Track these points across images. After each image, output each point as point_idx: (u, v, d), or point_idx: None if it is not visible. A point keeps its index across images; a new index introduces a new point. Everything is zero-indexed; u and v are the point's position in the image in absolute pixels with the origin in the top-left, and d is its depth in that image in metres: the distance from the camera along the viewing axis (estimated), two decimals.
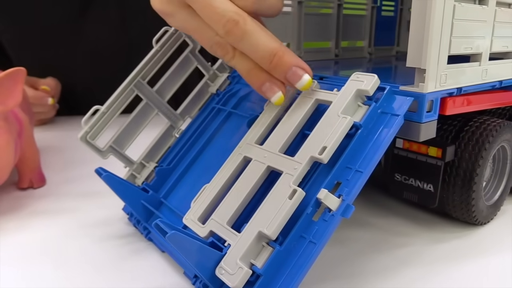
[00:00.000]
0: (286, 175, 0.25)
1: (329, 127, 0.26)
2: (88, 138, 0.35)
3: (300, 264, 0.23)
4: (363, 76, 0.27)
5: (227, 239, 0.25)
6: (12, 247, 0.34)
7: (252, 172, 0.27)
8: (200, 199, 0.28)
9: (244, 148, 0.28)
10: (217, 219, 0.26)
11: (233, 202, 0.26)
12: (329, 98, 0.27)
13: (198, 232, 0.26)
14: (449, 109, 0.30)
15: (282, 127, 0.28)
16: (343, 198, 0.24)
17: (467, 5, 0.29)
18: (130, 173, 0.37)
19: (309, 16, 0.48)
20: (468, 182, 0.33)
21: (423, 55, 0.27)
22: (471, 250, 0.33)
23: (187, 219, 0.27)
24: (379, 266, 0.31)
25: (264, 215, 0.24)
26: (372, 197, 0.42)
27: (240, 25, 0.27)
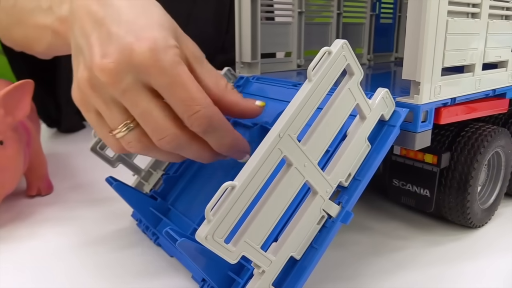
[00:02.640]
0: (319, 197, 0.25)
1: (356, 151, 0.26)
2: (98, 148, 0.37)
3: (303, 268, 0.25)
4: (389, 98, 0.28)
5: (261, 265, 0.23)
6: (23, 254, 0.35)
7: (290, 184, 0.23)
8: (223, 209, 0.21)
9: (284, 141, 0.22)
10: (250, 241, 0.22)
11: (268, 220, 0.23)
12: (365, 110, 0.26)
13: (227, 257, 0.22)
14: (444, 118, 0.31)
15: (325, 126, 0.25)
16: (343, 205, 0.26)
17: (460, 19, 0.30)
18: (138, 181, 0.39)
19: (309, 26, 0.50)
20: (463, 187, 0.34)
21: (418, 69, 0.29)
22: (467, 252, 0.35)
23: (207, 240, 0.21)
24: (377, 268, 0.33)
25: (296, 238, 0.25)
26: (371, 201, 0.44)
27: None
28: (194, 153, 0.30)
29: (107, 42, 0.27)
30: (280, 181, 0.23)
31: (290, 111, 0.22)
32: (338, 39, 0.24)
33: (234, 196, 0.21)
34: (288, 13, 0.48)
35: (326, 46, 0.24)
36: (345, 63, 0.25)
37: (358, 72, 0.25)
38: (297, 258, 0.25)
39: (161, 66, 0.26)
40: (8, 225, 0.40)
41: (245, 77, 0.42)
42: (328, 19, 0.52)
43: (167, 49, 0.27)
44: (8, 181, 0.39)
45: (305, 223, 0.25)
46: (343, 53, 0.24)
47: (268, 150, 0.22)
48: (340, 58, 0.24)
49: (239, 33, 0.43)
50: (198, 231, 0.21)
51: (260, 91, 0.39)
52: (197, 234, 0.21)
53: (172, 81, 0.27)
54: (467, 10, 0.32)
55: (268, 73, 0.45)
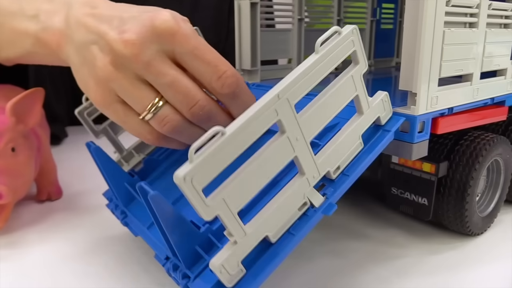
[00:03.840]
0: (305, 180, 0.24)
1: (348, 146, 0.26)
2: (85, 114, 0.36)
3: (276, 253, 0.24)
4: (387, 102, 0.28)
5: (234, 233, 0.22)
6: (34, 259, 0.36)
7: (279, 153, 0.22)
8: (209, 152, 0.19)
9: (282, 104, 0.21)
10: (228, 202, 0.21)
11: (250, 184, 0.22)
12: (364, 105, 0.26)
13: (200, 210, 0.20)
14: (441, 128, 0.31)
15: (322, 106, 0.24)
16: (327, 197, 0.25)
17: (457, 30, 0.30)
18: (118, 159, 0.38)
19: (309, 32, 0.50)
20: (462, 196, 0.34)
21: (414, 80, 0.29)
22: (466, 260, 0.35)
23: (185, 181, 0.19)
24: (376, 277, 0.33)
25: (274, 218, 0.23)
26: (369, 209, 0.44)
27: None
28: (222, 123, 0.29)
29: (122, 24, 0.28)
30: (269, 147, 0.22)
31: (292, 76, 0.22)
32: (348, 25, 0.25)
33: (222, 143, 0.20)
34: (288, 20, 0.48)
35: None
36: (353, 48, 0.25)
37: (363, 63, 0.26)
38: (272, 240, 0.24)
39: (185, 32, 0.27)
40: (20, 229, 0.41)
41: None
42: (328, 25, 0.52)
43: (185, 19, 0.29)
44: (20, 186, 0.40)
45: (286, 204, 0.24)
46: (351, 38, 0.24)
47: (264, 107, 0.21)
48: (348, 42, 0.24)
49: (239, 40, 0.44)
50: (177, 170, 0.19)
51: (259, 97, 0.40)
52: (175, 174, 0.19)
53: (197, 45, 0.28)
54: (465, 20, 0.32)
55: (268, 80, 0.46)
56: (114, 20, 0.29)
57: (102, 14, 0.30)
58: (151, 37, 0.27)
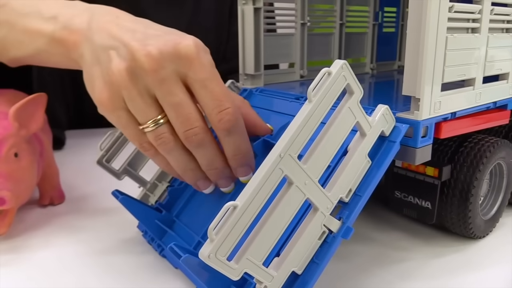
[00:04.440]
0: (320, 213, 0.25)
1: (356, 167, 0.27)
2: (104, 161, 0.37)
3: (304, 283, 0.25)
4: (389, 115, 0.29)
5: (262, 280, 0.24)
6: (37, 263, 0.36)
7: (291, 202, 0.24)
8: (225, 229, 0.22)
9: (285, 161, 0.23)
10: (252, 259, 0.23)
11: (269, 238, 0.24)
12: (365, 128, 0.27)
13: (229, 274, 0.22)
14: (444, 133, 0.31)
15: (325, 145, 0.25)
16: (344, 221, 0.26)
17: (459, 35, 0.31)
18: (144, 193, 0.40)
19: (312, 36, 0.50)
20: (465, 200, 0.35)
21: (417, 85, 0.29)
22: (469, 263, 0.35)
23: (210, 258, 0.21)
24: (380, 280, 0.33)
25: (297, 254, 0.25)
26: (373, 212, 0.44)
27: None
28: (209, 156, 0.31)
29: (145, 38, 0.30)
30: (281, 200, 0.24)
31: (290, 131, 0.23)
32: (338, 60, 0.25)
33: (236, 216, 0.22)
34: (291, 24, 0.48)
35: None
36: (345, 83, 0.25)
37: (358, 91, 0.26)
38: (298, 273, 0.25)
39: (203, 61, 0.29)
40: (23, 234, 0.41)
41: (249, 89, 0.42)
42: (331, 30, 0.53)
43: (206, 50, 0.30)
44: (23, 191, 0.40)
45: (306, 239, 0.25)
46: (342, 74, 0.25)
47: (269, 170, 0.22)
48: (340, 78, 0.25)
49: (242, 45, 0.44)
50: (201, 249, 0.21)
51: (263, 103, 0.40)
52: (200, 253, 0.21)
53: (210, 77, 0.29)
54: (467, 25, 0.32)
55: (271, 84, 0.46)
56: (137, 33, 0.30)
57: (125, 25, 0.31)
58: (171, 58, 0.29)
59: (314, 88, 0.24)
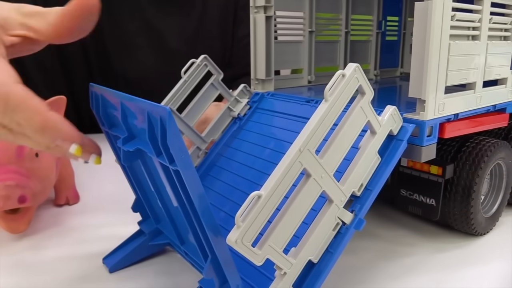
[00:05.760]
0: (334, 206, 0.27)
1: (367, 163, 0.29)
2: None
3: (320, 271, 0.27)
4: (397, 115, 0.31)
5: (282, 267, 0.25)
6: (53, 260, 0.38)
7: (309, 193, 0.26)
8: (251, 216, 0.23)
9: (304, 155, 0.25)
10: (274, 246, 0.25)
11: (289, 226, 0.25)
12: (376, 126, 0.29)
13: (253, 259, 0.24)
14: (448, 133, 0.34)
15: (340, 142, 0.27)
16: (356, 213, 0.28)
17: (461, 42, 0.33)
18: None
19: (319, 44, 0.53)
20: (467, 197, 0.37)
21: (423, 88, 0.31)
22: (471, 258, 0.37)
23: (237, 243, 0.23)
24: (387, 273, 0.35)
25: (313, 243, 0.27)
26: (380, 210, 0.46)
27: None
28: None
29: None
30: (300, 191, 0.26)
31: (309, 128, 0.25)
32: (351, 63, 0.27)
33: (260, 204, 0.23)
34: (300, 32, 0.51)
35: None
36: (357, 84, 0.27)
37: (369, 92, 0.28)
38: (314, 261, 0.27)
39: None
40: (41, 232, 0.43)
41: (260, 94, 0.44)
42: (337, 37, 0.55)
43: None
44: (43, 190, 0.42)
45: (322, 229, 0.27)
46: (355, 76, 0.27)
47: (290, 163, 0.24)
48: (353, 80, 0.27)
49: (254, 52, 0.46)
50: (229, 235, 0.23)
51: (275, 106, 0.42)
52: (228, 238, 0.23)
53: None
54: (468, 33, 0.34)
55: (280, 89, 0.48)
56: None
57: None
58: None
59: (330, 88, 0.26)
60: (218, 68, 0.43)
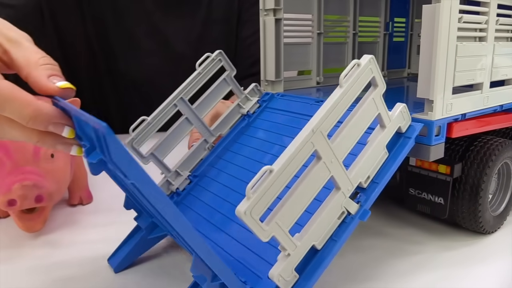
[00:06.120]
0: (341, 193, 0.28)
1: (375, 156, 0.30)
2: (133, 144, 0.39)
3: (322, 258, 0.28)
4: (406, 113, 0.31)
5: (287, 248, 0.26)
6: (68, 258, 0.39)
7: (318, 176, 0.26)
8: (262, 189, 0.24)
9: (317, 137, 0.25)
10: (280, 224, 0.25)
11: (296, 207, 0.26)
12: (385, 120, 0.30)
13: (260, 234, 0.24)
14: (455, 132, 0.34)
15: (350, 130, 0.28)
16: (361, 204, 0.29)
17: (468, 43, 0.34)
18: (165, 180, 0.41)
19: (327, 45, 0.53)
20: (475, 196, 0.37)
21: (431, 89, 0.32)
22: (479, 256, 0.37)
23: (246, 215, 0.23)
24: (394, 270, 0.35)
25: (318, 229, 0.27)
26: (388, 210, 0.47)
27: None
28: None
29: None
30: (309, 173, 0.26)
31: (323, 111, 0.26)
32: (366, 55, 0.28)
33: (271, 179, 0.24)
34: (308, 34, 0.51)
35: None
36: (371, 75, 0.28)
37: (382, 85, 0.29)
38: (318, 248, 0.28)
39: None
40: (55, 231, 0.44)
41: (270, 94, 0.45)
42: (344, 39, 0.56)
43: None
44: (58, 190, 0.43)
45: (327, 216, 0.28)
46: (370, 67, 0.28)
47: (303, 142, 0.25)
48: (367, 71, 0.28)
49: (264, 54, 0.47)
50: (238, 207, 0.23)
51: (285, 106, 0.43)
52: (237, 210, 0.23)
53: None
54: (475, 34, 0.35)
55: (290, 90, 0.49)
56: None
57: None
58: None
59: (345, 75, 0.27)
60: (231, 65, 0.44)
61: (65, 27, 0.78)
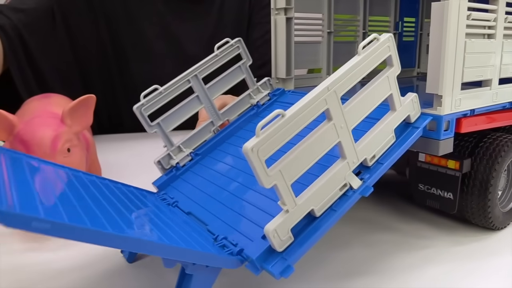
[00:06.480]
0: (346, 164, 0.28)
1: (383, 136, 0.30)
2: (142, 111, 0.40)
3: (319, 226, 0.28)
4: (416, 103, 0.32)
5: (287, 203, 0.25)
6: (83, 254, 0.39)
7: (326, 138, 0.27)
8: (271, 130, 0.24)
9: (330, 96, 0.26)
10: (284, 174, 0.25)
11: (302, 162, 0.26)
12: (396, 103, 0.31)
13: (263, 178, 0.24)
14: (464, 128, 0.35)
15: (362, 100, 0.28)
16: (364, 180, 0.29)
17: (476, 40, 0.34)
18: (167, 153, 0.42)
19: (337, 44, 0.54)
20: (484, 192, 0.38)
21: (440, 84, 0.32)
22: (488, 251, 0.38)
23: (253, 151, 0.23)
24: (403, 263, 0.36)
25: (319, 194, 0.27)
26: (398, 206, 0.47)
27: None
28: None
29: None
30: (318, 131, 0.27)
31: (340, 72, 0.27)
32: (385, 33, 0.29)
33: (282, 123, 0.24)
34: (318, 33, 0.52)
35: None
36: (388, 53, 0.29)
37: (397, 66, 0.30)
38: (317, 214, 0.28)
39: None
40: None
41: (282, 89, 0.46)
42: (354, 38, 0.56)
43: None
44: None
45: (329, 183, 0.28)
46: (388, 44, 0.29)
47: (317, 97, 0.26)
48: (385, 47, 0.28)
49: (275, 52, 0.48)
50: (246, 144, 0.23)
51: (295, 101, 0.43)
52: (244, 146, 0.23)
53: None
54: (483, 31, 0.35)
55: (300, 88, 0.50)
56: None
57: None
58: None
59: (364, 46, 0.28)
60: (248, 54, 0.45)
61: (77, 30, 0.80)
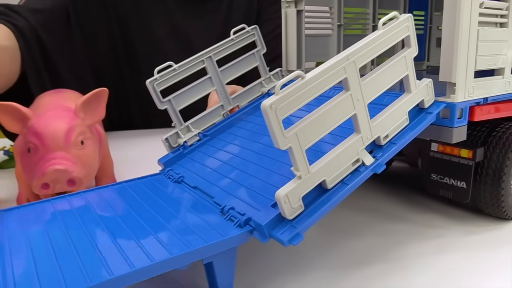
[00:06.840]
0: (360, 138, 0.28)
1: (397, 118, 0.31)
2: (155, 85, 0.40)
3: (330, 197, 0.28)
4: (431, 89, 0.32)
5: (300, 168, 0.26)
6: None
7: (343, 107, 0.27)
8: (291, 89, 0.24)
9: (350, 65, 0.26)
10: (300, 137, 0.25)
11: (318, 128, 0.26)
12: (412, 85, 0.31)
13: (278, 137, 0.24)
14: (477, 116, 0.35)
15: (379, 76, 0.29)
16: (377, 158, 0.30)
17: (489, 28, 0.34)
18: (175, 132, 0.42)
19: (347, 37, 0.54)
20: (497, 180, 0.37)
21: (453, 71, 0.33)
22: (502, 240, 0.38)
23: (271, 108, 0.23)
24: (415, 252, 0.36)
25: (332, 165, 0.27)
26: (410, 197, 0.47)
27: None
28: None
29: None
30: (335, 100, 0.27)
31: (359, 44, 0.27)
32: (404, 13, 0.29)
33: (301, 84, 0.25)
34: (328, 26, 0.52)
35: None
36: (407, 33, 0.29)
37: (414, 47, 0.30)
38: (328, 186, 0.28)
39: None
40: None
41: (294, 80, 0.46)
42: (364, 31, 0.57)
43: None
44: (87, 176, 0.45)
45: (343, 155, 0.28)
46: (406, 24, 0.29)
47: (336, 64, 0.26)
48: (403, 27, 0.29)
49: (285, 44, 0.48)
50: (264, 101, 0.23)
51: None
52: (263, 103, 0.23)
53: None
54: (496, 20, 0.35)
55: None
56: None
57: None
58: None
59: (384, 22, 0.28)
60: (263, 43, 0.45)
61: (91, 30, 0.81)
